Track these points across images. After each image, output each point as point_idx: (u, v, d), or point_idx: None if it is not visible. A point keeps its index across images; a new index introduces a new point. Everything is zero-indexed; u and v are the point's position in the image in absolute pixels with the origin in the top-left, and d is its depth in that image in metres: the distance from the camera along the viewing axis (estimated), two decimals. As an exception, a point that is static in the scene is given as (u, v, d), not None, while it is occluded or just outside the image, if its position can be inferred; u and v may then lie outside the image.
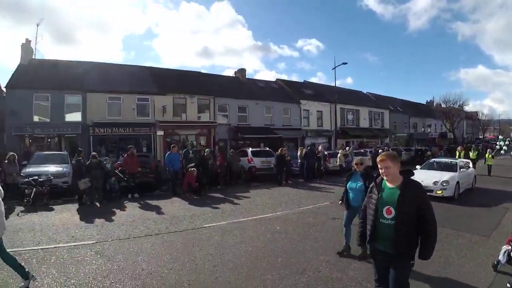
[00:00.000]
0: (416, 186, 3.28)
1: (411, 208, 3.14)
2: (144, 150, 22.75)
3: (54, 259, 6.12)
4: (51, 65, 25.00)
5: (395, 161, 3.30)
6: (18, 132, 21.12)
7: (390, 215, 3.21)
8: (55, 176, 13.08)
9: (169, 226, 8.58)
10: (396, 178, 3.31)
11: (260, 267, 5.67)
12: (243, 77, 34.25)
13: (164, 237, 7.53)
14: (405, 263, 3.26)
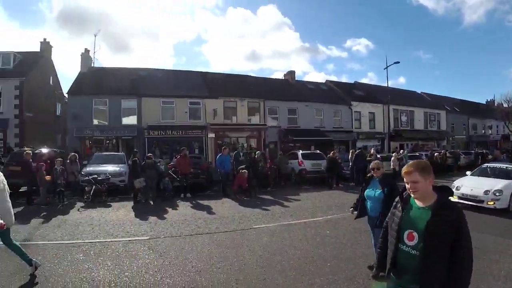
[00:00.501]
0: (454, 210, 2.41)
1: (442, 237, 2.33)
2: (196, 151, 23.28)
3: (110, 252, 6.41)
4: (109, 72, 26.77)
5: (426, 174, 2.48)
6: (79, 134, 22.70)
7: (412, 241, 2.46)
8: (112, 175, 13.74)
9: (219, 226, 8.65)
10: (428, 196, 2.49)
11: (308, 271, 5.51)
12: (293, 79, 33.98)
13: (214, 237, 7.59)
14: None
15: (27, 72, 24.36)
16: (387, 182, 5.24)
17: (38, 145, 18.16)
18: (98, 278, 5.12)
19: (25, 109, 23.57)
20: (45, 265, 5.66)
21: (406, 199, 2.62)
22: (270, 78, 37.00)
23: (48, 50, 28.76)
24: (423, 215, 2.42)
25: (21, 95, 23.41)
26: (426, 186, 2.47)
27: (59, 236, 7.70)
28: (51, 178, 12.03)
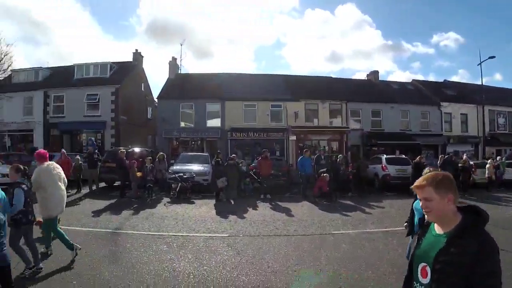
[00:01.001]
0: (476, 238, 1.70)
1: (456, 275, 1.68)
2: (277, 154, 23.42)
3: (191, 246, 6.65)
4: (194, 78, 28.51)
5: (443, 190, 1.83)
6: (168, 135, 24.39)
7: (425, 279, 1.86)
8: (197, 174, 14.40)
9: (297, 228, 8.49)
10: (448, 219, 1.84)
11: (387, 283, 5.05)
12: (376, 80, 32.24)
13: (291, 239, 7.47)
14: None
15: (121, 79, 26.84)
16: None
17: (130, 144, 19.75)
18: (178, 269, 5.31)
19: (120, 113, 25.93)
20: (132, 252, 6.19)
21: (427, 223, 2.02)
22: (352, 79, 35.84)
23: (139, 59, 31.32)
24: (437, 244, 1.82)
25: (116, 100, 25.83)
26: (443, 205, 1.83)
27: (146, 227, 8.28)
28: (142, 175, 13.22)
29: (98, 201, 11.96)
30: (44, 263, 5.40)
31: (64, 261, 5.57)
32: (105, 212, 10.16)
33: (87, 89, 26.16)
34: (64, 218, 8.98)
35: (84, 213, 9.96)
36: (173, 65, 29.43)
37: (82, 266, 5.44)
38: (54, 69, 30.77)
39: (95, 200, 12.40)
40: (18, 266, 4.86)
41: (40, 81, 28.41)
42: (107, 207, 10.96)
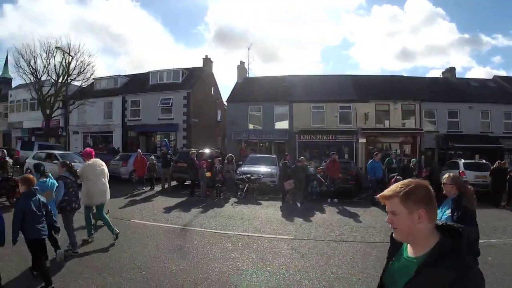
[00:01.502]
0: (454, 267, 1.34)
1: None
2: (345, 156, 22.79)
3: (256, 246, 6.72)
4: (262, 81, 28.85)
5: (411, 202, 1.47)
6: (236, 137, 24.97)
7: None
8: (264, 175, 14.58)
9: (364, 235, 8.15)
10: (419, 240, 1.50)
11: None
12: (452, 77, 29.58)
13: (358, 246, 7.16)
14: None
15: (192, 84, 28.23)
16: (461, 204, 3.75)
17: (201, 146, 20.54)
18: (242, 268, 5.37)
19: (191, 116, 27.18)
20: (199, 249, 6.46)
21: (399, 242, 1.64)
22: (426, 77, 33.51)
23: (209, 65, 32.61)
24: (406, 271, 1.49)
25: (188, 104, 27.18)
26: (412, 222, 1.47)
27: (213, 225, 8.54)
28: (211, 175, 13.88)
29: (170, 199, 12.71)
30: (117, 253, 5.90)
31: (136, 253, 5.96)
32: (175, 209, 10.73)
33: (161, 94, 28.02)
34: (139, 213, 9.76)
35: (156, 209, 10.68)
36: (241, 69, 30.16)
37: (151, 258, 5.79)
38: (131, 76, 33.72)
39: (167, 197, 13.14)
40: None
41: (119, 87, 31.21)
42: (178, 205, 11.55)
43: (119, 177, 17.36)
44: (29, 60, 25.54)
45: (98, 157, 18.63)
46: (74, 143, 31.15)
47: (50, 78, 26.21)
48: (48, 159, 15.98)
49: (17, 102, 36.10)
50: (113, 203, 11.39)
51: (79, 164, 16.44)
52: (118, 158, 19.19)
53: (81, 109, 28.91)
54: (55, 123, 29.75)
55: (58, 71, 26.05)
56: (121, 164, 17.67)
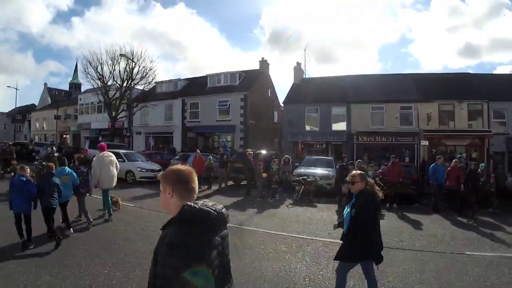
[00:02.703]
0: (170, 231, 1.80)
1: (153, 263, 1.85)
2: (406, 160, 21.86)
3: (310, 249, 6.70)
4: (318, 81, 28.60)
5: (165, 183, 1.97)
6: (293, 139, 25.09)
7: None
8: (321, 177, 14.45)
9: (425, 244, 7.72)
10: (173, 211, 1.88)
11: None
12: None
13: (417, 255, 6.83)
14: None
15: (249, 86, 28.78)
16: (359, 200, 4.05)
17: (258, 147, 20.77)
18: (295, 270, 5.38)
19: (248, 117, 27.68)
20: (253, 248, 6.62)
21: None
22: (494, 74, 31.24)
23: (265, 67, 33.07)
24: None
25: (245, 106, 27.73)
26: (165, 198, 1.95)
27: (268, 226, 8.63)
28: (267, 176, 13.88)
29: (226, 198, 13.00)
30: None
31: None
32: (231, 208, 10.90)
33: (219, 96, 28.88)
34: None
35: None
36: (298, 70, 30.20)
37: None
38: (190, 80, 35.35)
39: (223, 196, 13.46)
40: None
41: (178, 90, 32.80)
42: (234, 204, 11.83)
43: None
44: (96, 66, 28.17)
45: (158, 156, 20.66)
46: (137, 142, 33.34)
47: (115, 83, 28.48)
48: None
49: (86, 105, 39.81)
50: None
51: (140, 162, 17.60)
52: (177, 158, 20.07)
53: (144, 111, 30.91)
54: (120, 124, 31.94)
55: (123, 76, 28.28)
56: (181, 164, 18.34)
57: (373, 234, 4.11)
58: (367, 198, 4.09)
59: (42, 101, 57.90)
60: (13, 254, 5.90)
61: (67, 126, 44.98)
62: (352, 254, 4.18)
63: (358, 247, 4.08)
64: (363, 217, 3.99)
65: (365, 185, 4.19)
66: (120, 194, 12.27)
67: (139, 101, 29.80)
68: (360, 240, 4.03)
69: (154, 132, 33.20)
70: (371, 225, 4.05)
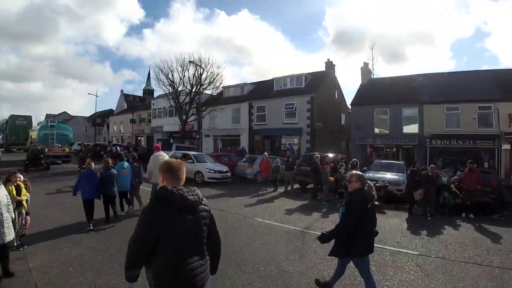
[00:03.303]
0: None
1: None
2: (485, 165, 20.32)
3: (377, 257, 6.57)
4: (387, 82, 27.55)
5: (161, 172, 2.86)
6: (361, 142, 24.61)
7: None
8: (390, 183, 14.02)
9: (504, 260, 7.07)
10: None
11: None
12: None
13: (495, 272, 6.31)
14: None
15: (315, 89, 28.68)
16: (351, 199, 4.48)
17: (324, 150, 20.68)
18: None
19: (315, 120, 27.58)
20: (317, 252, 6.77)
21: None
22: None
23: (331, 68, 32.84)
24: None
25: (311, 108, 27.67)
26: (161, 182, 2.82)
27: None
28: (334, 179, 13.74)
29: (291, 201, 13.24)
30: (238, 247, 6.42)
31: (256, 250, 6.38)
32: (296, 211, 11.17)
33: (285, 99, 29.15)
34: (261, 212, 10.71)
35: (278, 209, 11.32)
36: (365, 70, 29.53)
37: (270, 256, 6.26)
38: (256, 83, 36.33)
39: (289, 199, 13.72)
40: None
41: (245, 94, 33.80)
42: (299, 207, 11.99)
43: (245, 177, 18.83)
44: (167, 73, 30.21)
45: (226, 158, 22.12)
46: (205, 145, 34.85)
47: (185, 88, 30.20)
48: (183, 158, 18.44)
49: (158, 110, 42.80)
50: (238, 201, 12.78)
51: (209, 163, 18.38)
52: (245, 160, 20.67)
53: (212, 115, 32.15)
54: (190, 127, 33.70)
55: (192, 82, 29.89)
56: (248, 166, 19.08)
57: (360, 233, 4.37)
58: (359, 197, 4.44)
59: (119, 106, 63.93)
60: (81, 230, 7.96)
61: (141, 129, 48.47)
62: (339, 250, 4.54)
63: (344, 244, 4.44)
64: (351, 215, 4.34)
65: (362, 185, 4.53)
66: None
67: (207, 105, 31.16)
68: (345, 237, 4.42)
69: (222, 135, 34.43)
70: (358, 224, 4.31)
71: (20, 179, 6.78)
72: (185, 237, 2.56)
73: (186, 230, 2.56)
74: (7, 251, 5.31)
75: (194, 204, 2.65)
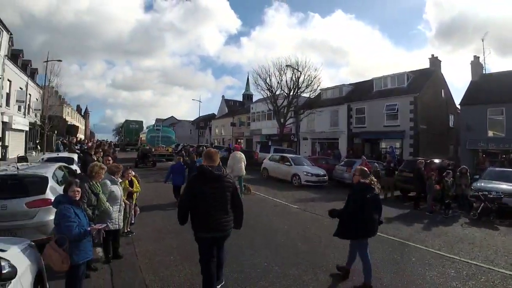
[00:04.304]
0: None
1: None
2: None
3: (484, 279, 6.04)
4: (503, 77, 24.21)
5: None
6: (472, 146, 22.46)
7: None
8: (506, 194, 12.45)
9: None
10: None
11: None
12: None
13: None
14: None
15: (419, 88, 26.94)
16: (353, 190, 5.55)
17: (430, 155, 19.49)
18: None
19: (419, 122, 26.00)
20: (415, 268, 6.44)
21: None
22: None
23: (436, 65, 30.36)
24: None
25: (415, 109, 26.07)
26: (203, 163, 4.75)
27: (436, 245, 8.11)
28: (440, 188, 12.78)
29: (391, 209, 12.45)
30: (327, 251, 6.33)
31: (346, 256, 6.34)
32: (396, 221, 10.69)
33: (386, 100, 27.99)
34: None
35: None
36: (476, 65, 26.46)
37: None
38: (355, 85, 35.71)
39: (387, 207, 12.39)
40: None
41: (343, 96, 33.42)
42: (399, 216, 11.47)
43: (343, 181, 18.62)
44: (265, 78, 31.92)
45: (323, 161, 22.90)
46: (303, 148, 35.22)
47: (283, 92, 31.25)
48: (281, 160, 18.91)
49: (257, 113, 44.85)
50: (334, 207, 12.35)
51: (306, 166, 18.62)
52: (342, 164, 20.46)
53: (310, 118, 32.47)
54: (287, 130, 34.43)
55: (289, 85, 30.91)
56: (346, 169, 18.81)
57: (357, 219, 5.28)
58: (360, 188, 5.44)
59: (220, 111, 69.06)
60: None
61: (241, 132, 50.95)
62: (339, 232, 5.60)
63: (344, 227, 5.51)
64: (352, 201, 5.38)
65: (363, 179, 5.48)
66: (285, 196, 14.28)
67: (305, 108, 31.54)
68: (344, 221, 5.52)
69: (320, 138, 34.38)
70: (355, 211, 5.28)
71: (131, 174, 8.12)
72: (211, 198, 4.28)
73: (212, 193, 4.29)
74: (118, 236, 6.39)
75: (219, 177, 4.38)
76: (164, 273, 5.65)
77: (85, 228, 4.14)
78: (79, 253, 4.10)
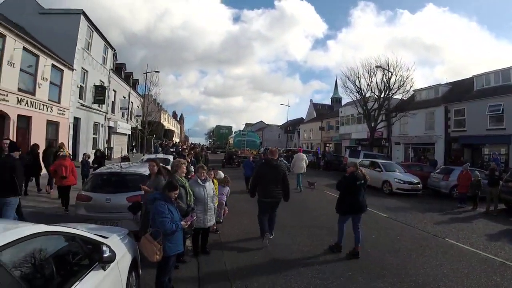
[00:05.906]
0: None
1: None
2: None
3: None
4: None
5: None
6: None
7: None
8: None
9: None
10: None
11: None
12: None
13: None
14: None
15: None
16: (346, 177, 7.51)
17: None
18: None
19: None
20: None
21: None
22: None
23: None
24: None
25: (525, 110, 23.33)
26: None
27: None
28: None
29: (494, 224, 11.38)
30: (419, 265, 6.31)
31: (443, 275, 6.11)
32: (499, 238, 9.49)
33: (489, 100, 25.21)
34: (455, 233, 9.71)
35: (476, 232, 9.89)
36: None
37: (456, 286, 5.74)
38: (452, 84, 33.27)
39: (491, 221, 11.77)
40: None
41: (439, 97, 31.37)
42: (503, 233, 10.22)
43: (439, 190, 17.70)
44: (354, 80, 31.43)
45: (417, 168, 22.24)
46: (395, 153, 33.73)
47: (373, 94, 30.42)
48: (371, 166, 18.67)
49: (346, 117, 44.38)
50: (428, 217, 12.10)
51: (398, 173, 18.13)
52: (439, 171, 19.28)
53: (403, 121, 31.25)
54: (378, 134, 33.35)
55: (380, 87, 29.93)
56: (443, 178, 17.72)
57: (347, 199, 7.23)
58: (351, 177, 7.28)
59: (308, 115, 69.34)
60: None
61: (329, 136, 50.78)
62: (337, 208, 7.42)
63: (339, 204, 7.41)
64: (343, 185, 7.35)
65: (355, 170, 7.34)
66: (375, 204, 13.30)
67: (397, 111, 30.29)
68: (340, 200, 7.44)
69: (413, 143, 32.59)
70: (347, 192, 7.26)
71: (211, 176, 8.17)
72: (270, 177, 7.52)
73: (271, 174, 7.52)
74: (207, 234, 6.98)
75: (275, 165, 7.71)
76: (247, 272, 6.07)
77: (177, 223, 4.68)
78: (171, 246, 4.63)
